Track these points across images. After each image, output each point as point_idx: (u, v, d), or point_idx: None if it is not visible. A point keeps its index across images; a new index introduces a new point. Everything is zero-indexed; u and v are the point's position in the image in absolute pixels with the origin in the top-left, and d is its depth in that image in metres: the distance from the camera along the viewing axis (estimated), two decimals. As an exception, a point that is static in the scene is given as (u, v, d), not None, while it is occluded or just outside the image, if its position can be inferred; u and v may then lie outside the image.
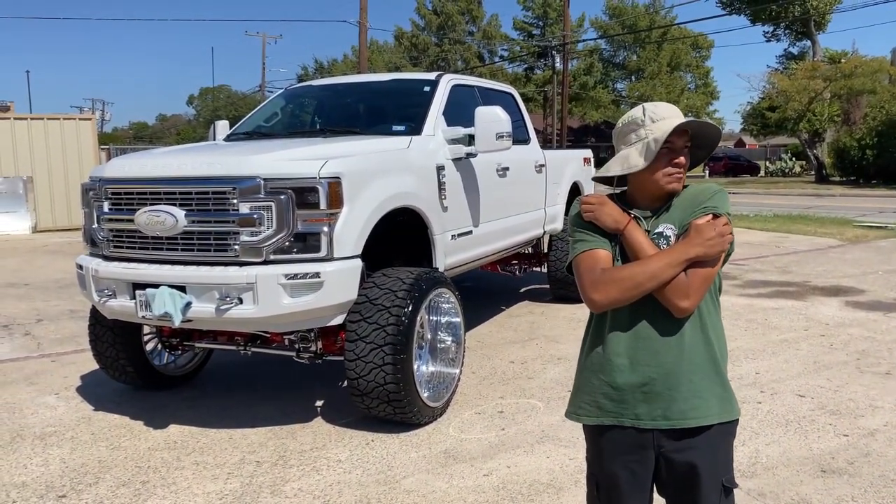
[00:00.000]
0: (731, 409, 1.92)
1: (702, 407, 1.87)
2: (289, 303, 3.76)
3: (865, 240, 12.29)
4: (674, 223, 1.91)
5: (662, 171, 1.90)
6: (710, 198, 1.91)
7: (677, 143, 1.90)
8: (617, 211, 1.92)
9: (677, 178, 1.92)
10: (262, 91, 52.56)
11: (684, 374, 1.87)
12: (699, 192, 1.95)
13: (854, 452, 3.72)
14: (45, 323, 7.12)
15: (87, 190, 4.33)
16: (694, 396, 1.87)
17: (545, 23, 58.41)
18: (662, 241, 1.89)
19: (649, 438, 1.90)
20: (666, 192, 1.93)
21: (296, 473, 3.64)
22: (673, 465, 1.90)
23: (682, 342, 1.87)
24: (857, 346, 5.73)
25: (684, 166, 1.92)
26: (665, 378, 1.87)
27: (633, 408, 1.90)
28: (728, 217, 1.90)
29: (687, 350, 1.87)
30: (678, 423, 1.87)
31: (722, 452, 1.93)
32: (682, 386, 1.87)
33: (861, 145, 30.71)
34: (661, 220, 1.93)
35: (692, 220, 1.87)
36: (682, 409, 1.87)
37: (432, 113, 5.09)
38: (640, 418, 1.89)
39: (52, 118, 16.39)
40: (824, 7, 37.97)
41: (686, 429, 1.87)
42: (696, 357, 1.88)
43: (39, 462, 3.84)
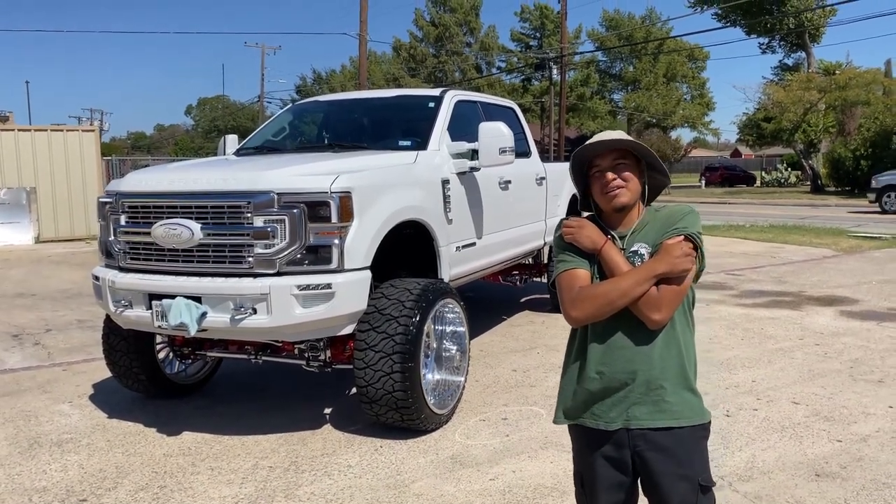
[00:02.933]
0: (700, 413, 2.08)
1: (671, 410, 2.03)
2: (301, 313, 3.90)
3: (860, 250, 12.46)
4: (648, 242, 2.06)
5: (601, 192, 2.09)
6: (682, 219, 2.07)
7: (602, 164, 2.08)
8: (595, 232, 2.08)
9: (615, 194, 2.06)
10: (260, 102, 52.80)
11: (656, 381, 2.03)
12: (672, 214, 2.10)
13: (847, 457, 3.85)
14: (53, 332, 7.23)
15: (104, 203, 4.46)
16: (664, 401, 2.03)
17: (542, 34, 58.80)
18: (637, 258, 2.04)
19: (624, 438, 2.05)
20: (613, 207, 2.08)
21: (308, 478, 3.76)
22: (648, 465, 2.04)
23: (655, 351, 2.03)
24: (851, 354, 5.87)
25: (615, 180, 2.06)
26: (638, 384, 2.03)
27: (608, 411, 2.06)
28: (698, 236, 2.05)
29: (658, 359, 2.03)
30: (649, 423, 2.03)
31: (696, 454, 2.07)
32: (653, 391, 2.03)
33: (856, 156, 30.99)
34: (636, 238, 2.09)
35: (664, 239, 2.03)
36: (652, 412, 2.03)
37: (437, 128, 5.25)
38: (614, 420, 2.05)
39: (55, 129, 16.55)
40: (818, 20, 38.37)
41: (659, 430, 2.03)
42: (668, 365, 2.04)
43: (58, 468, 3.96)
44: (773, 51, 43.92)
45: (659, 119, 57.58)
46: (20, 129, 16.54)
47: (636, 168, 2.09)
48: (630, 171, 2.07)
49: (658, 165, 2.15)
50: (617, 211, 2.09)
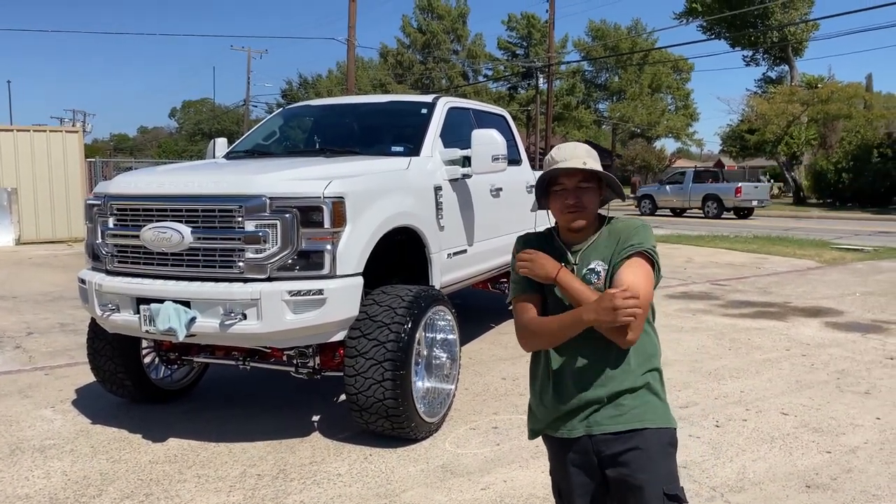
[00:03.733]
0: (665, 418, 2.08)
1: (632, 413, 2.03)
2: (292, 319, 3.85)
3: (843, 262, 12.59)
4: (603, 259, 2.08)
5: (558, 209, 2.11)
6: (634, 233, 2.09)
7: (567, 183, 2.08)
8: (549, 262, 2.05)
9: (572, 216, 2.08)
10: (246, 105, 52.57)
11: (618, 389, 2.04)
12: (624, 228, 2.12)
13: (837, 469, 3.87)
14: (35, 336, 7.12)
15: (92, 206, 4.40)
16: (623, 404, 2.04)
17: (529, 43, 59.10)
18: (594, 276, 2.07)
19: (588, 445, 2.06)
20: (570, 229, 2.11)
21: (297, 487, 3.71)
22: (611, 472, 2.04)
23: (619, 364, 2.05)
24: (837, 365, 5.91)
25: (576, 205, 2.07)
26: (601, 393, 2.04)
27: (571, 418, 2.08)
28: (653, 251, 2.07)
29: (622, 370, 2.05)
30: (611, 427, 2.03)
31: (662, 462, 2.04)
32: (616, 398, 2.04)
33: (837, 169, 31.40)
34: (592, 252, 2.11)
35: (620, 257, 2.04)
36: (613, 416, 2.04)
37: (430, 134, 5.23)
38: (576, 427, 2.08)
39: (38, 130, 16.37)
40: (801, 34, 38.88)
41: (622, 435, 2.02)
42: (631, 373, 2.05)
43: (41, 474, 3.88)
44: (756, 63, 44.44)
45: (643, 129, 58.01)
46: (1, 129, 16.31)
47: (597, 191, 2.11)
48: (591, 195, 2.09)
49: (616, 188, 2.17)
50: (572, 232, 2.12)
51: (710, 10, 39.24)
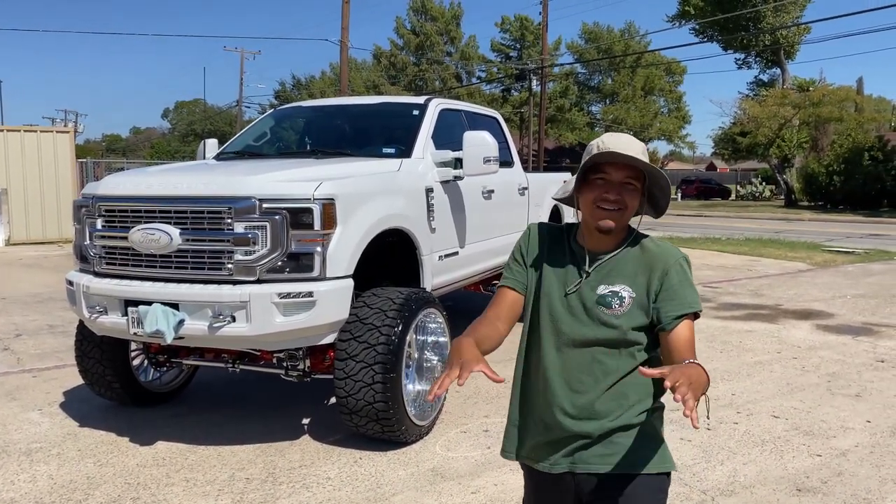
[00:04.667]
0: (661, 461, 1.80)
1: (624, 454, 1.78)
2: (282, 321, 3.83)
3: (834, 264, 12.63)
4: (631, 285, 1.80)
5: (592, 201, 1.80)
6: (685, 281, 1.80)
7: (614, 175, 1.78)
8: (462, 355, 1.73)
9: (605, 214, 1.79)
10: (238, 106, 52.44)
11: (611, 427, 1.80)
12: (662, 257, 1.83)
13: (827, 472, 3.86)
14: (24, 338, 7.06)
15: (80, 206, 4.36)
16: (616, 442, 1.79)
17: (522, 45, 59.15)
18: (616, 300, 1.80)
19: (570, 484, 1.83)
20: (596, 227, 1.81)
21: (286, 490, 3.68)
22: None
23: (616, 394, 1.81)
24: (828, 368, 5.91)
25: (615, 202, 1.78)
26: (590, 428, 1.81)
27: (553, 450, 1.85)
28: (700, 309, 1.81)
29: (619, 402, 1.80)
30: (599, 467, 1.79)
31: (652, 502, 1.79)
32: (608, 435, 1.80)
33: (829, 171, 31.54)
34: (615, 270, 1.84)
35: (670, 324, 1.76)
36: (603, 455, 1.79)
37: (422, 136, 5.21)
38: (559, 462, 1.84)
39: (28, 130, 16.26)
40: (793, 37, 39.07)
41: (611, 478, 1.78)
42: (628, 409, 1.80)
43: (27, 478, 3.84)
44: (749, 66, 44.63)
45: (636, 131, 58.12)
46: (-8, 129, 16.22)
47: (639, 193, 1.82)
48: (634, 197, 1.80)
49: (661, 204, 1.90)
50: (600, 232, 1.83)
51: (702, 13, 39.36)
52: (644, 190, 1.84)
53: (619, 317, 1.79)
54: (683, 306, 1.79)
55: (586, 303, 1.83)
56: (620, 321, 1.79)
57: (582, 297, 1.84)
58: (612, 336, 1.80)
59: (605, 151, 1.75)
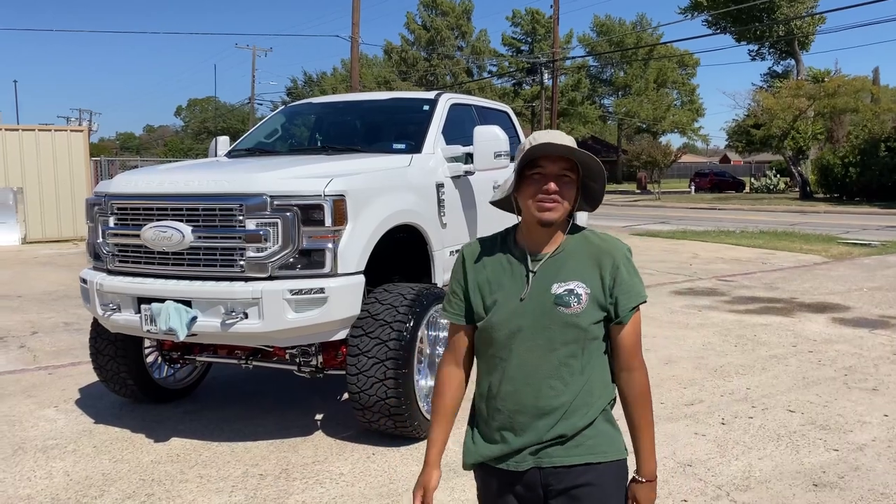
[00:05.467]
0: (619, 449, 1.87)
1: (587, 444, 1.83)
2: (293, 318, 3.83)
3: (850, 257, 12.50)
4: (583, 281, 1.82)
5: (532, 198, 1.81)
6: (632, 272, 1.85)
7: (550, 168, 1.80)
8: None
9: (548, 207, 1.80)
10: (251, 103, 52.62)
11: (580, 424, 1.83)
12: (609, 251, 1.86)
13: (844, 467, 3.82)
14: (39, 335, 7.12)
15: (93, 205, 4.38)
16: (579, 434, 1.83)
17: (534, 39, 58.98)
18: (573, 298, 1.80)
19: (536, 478, 1.84)
20: (538, 220, 1.82)
21: (299, 486, 3.69)
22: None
23: (583, 394, 1.84)
24: (845, 362, 5.86)
25: (554, 193, 1.79)
26: (551, 419, 1.83)
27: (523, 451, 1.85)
28: (644, 299, 1.87)
29: (585, 401, 1.84)
30: (564, 459, 1.82)
31: (615, 497, 1.86)
32: (577, 434, 1.83)
33: (844, 163, 31.20)
34: (562, 267, 1.85)
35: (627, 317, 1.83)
36: (567, 448, 1.83)
37: (432, 131, 5.20)
38: (524, 460, 1.84)
39: (43, 129, 16.38)
40: (808, 27, 38.70)
41: (574, 468, 1.82)
42: (592, 406, 1.84)
43: (43, 475, 3.87)
44: (762, 58, 44.27)
45: (649, 124, 57.85)
46: (7, 128, 16.34)
47: (575, 185, 1.84)
48: (570, 188, 1.82)
49: (596, 195, 1.91)
50: (542, 225, 1.83)
51: (715, 5, 39.06)
52: (579, 183, 1.86)
53: (579, 315, 1.80)
54: (637, 298, 1.85)
55: (544, 305, 1.82)
56: (580, 319, 1.81)
57: (537, 299, 1.83)
58: (576, 335, 1.81)
59: (541, 143, 1.78)
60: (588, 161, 1.82)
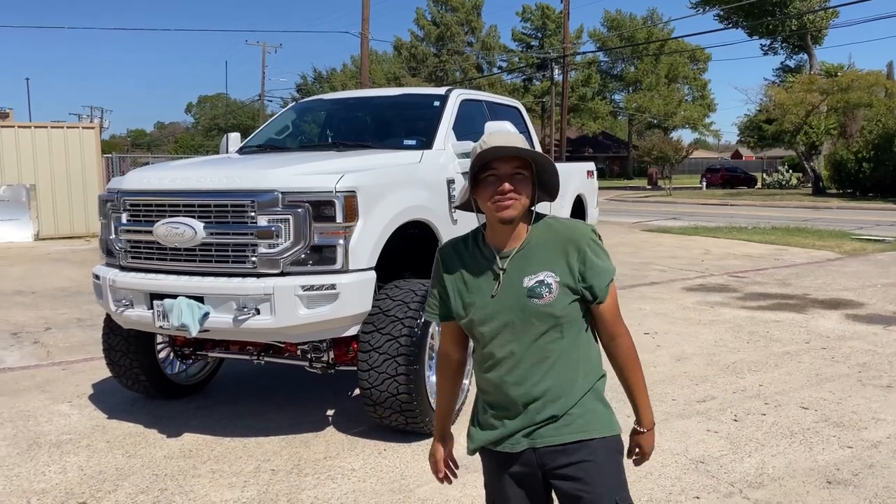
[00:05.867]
0: (610, 425, 1.95)
1: (577, 423, 1.91)
2: (305, 314, 3.84)
3: (864, 253, 12.40)
4: (552, 270, 1.90)
5: (488, 197, 1.88)
6: (598, 250, 1.93)
7: (502, 169, 1.87)
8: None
9: (506, 206, 1.87)
10: (261, 100, 52.74)
11: (570, 405, 1.91)
12: (572, 234, 1.93)
13: (858, 464, 3.80)
14: (53, 331, 7.17)
15: (106, 201, 4.40)
16: (569, 413, 1.91)
17: (544, 34, 58.80)
18: (545, 289, 1.88)
19: (532, 459, 1.93)
20: (498, 219, 1.90)
21: (311, 482, 3.71)
22: (558, 486, 1.93)
23: (570, 377, 1.92)
24: (859, 358, 5.81)
25: (509, 192, 1.86)
26: (553, 411, 1.91)
27: (517, 434, 1.94)
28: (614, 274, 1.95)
29: (572, 381, 1.92)
30: (556, 439, 1.90)
31: (611, 472, 1.93)
32: (557, 405, 1.91)
33: (858, 158, 30.91)
34: (530, 259, 1.92)
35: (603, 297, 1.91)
36: (558, 427, 1.91)
37: (442, 127, 5.19)
38: (519, 441, 1.93)
39: (55, 126, 16.49)
40: (821, 21, 38.36)
41: (568, 447, 1.90)
42: (571, 377, 1.92)
43: (57, 469, 3.90)
44: (775, 52, 43.95)
45: (660, 120, 57.59)
46: (20, 126, 16.45)
47: (530, 181, 1.91)
48: (525, 184, 1.89)
49: (551, 187, 1.97)
50: (503, 223, 1.91)
51: (727, -1, 38.80)
52: (534, 178, 1.93)
53: (552, 304, 1.89)
54: (607, 275, 1.93)
55: (519, 299, 1.91)
56: (554, 308, 1.89)
57: (510, 294, 1.91)
58: (552, 323, 1.90)
59: (490, 147, 1.85)
60: (536, 157, 1.91)
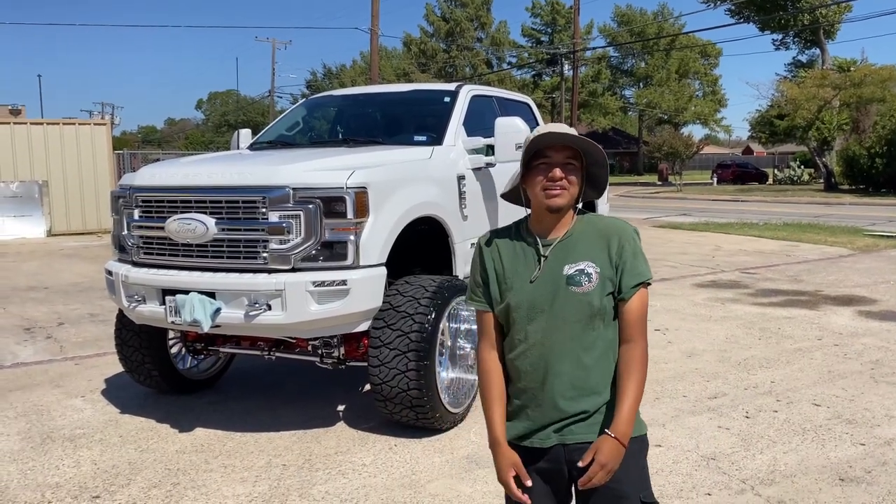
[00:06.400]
0: (638, 426, 1.94)
1: (608, 421, 1.90)
2: (316, 309, 3.85)
3: (876, 249, 12.31)
4: (592, 261, 1.92)
5: (540, 185, 1.91)
6: (637, 251, 1.93)
7: (555, 157, 1.90)
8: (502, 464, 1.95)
9: (555, 194, 1.90)
10: (271, 96, 52.86)
11: (604, 402, 1.92)
12: (615, 231, 1.96)
13: (871, 461, 3.78)
14: (66, 326, 7.23)
15: (118, 197, 4.42)
16: (601, 412, 1.92)
17: (553, 30, 58.61)
18: (584, 277, 1.90)
19: (560, 455, 1.93)
20: (546, 207, 1.92)
21: (322, 477, 3.72)
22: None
23: (605, 373, 1.93)
24: (871, 355, 5.77)
25: (560, 180, 1.89)
26: (586, 406, 1.91)
27: (547, 429, 1.93)
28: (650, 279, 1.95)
29: (606, 379, 1.93)
30: (586, 436, 1.90)
31: (637, 470, 1.94)
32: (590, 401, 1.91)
33: (870, 154, 30.66)
34: (573, 249, 1.94)
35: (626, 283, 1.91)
36: (590, 425, 1.91)
37: (453, 123, 5.18)
38: (549, 437, 1.93)
39: (67, 123, 16.58)
40: (833, 16, 38.02)
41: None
42: (603, 377, 1.93)
43: (71, 463, 3.94)
44: (786, 47, 43.62)
45: (671, 115, 57.30)
46: (32, 122, 16.57)
47: (580, 172, 1.94)
48: (576, 175, 1.92)
49: (600, 182, 2.00)
50: (551, 212, 1.94)
51: (738, -7, 38.53)
52: (583, 171, 1.96)
53: (590, 293, 1.90)
54: (638, 277, 1.93)
55: (557, 287, 1.92)
56: (592, 297, 1.90)
57: (550, 281, 1.93)
58: (589, 313, 1.91)
59: (545, 133, 1.89)
60: (590, 148, 1.93)
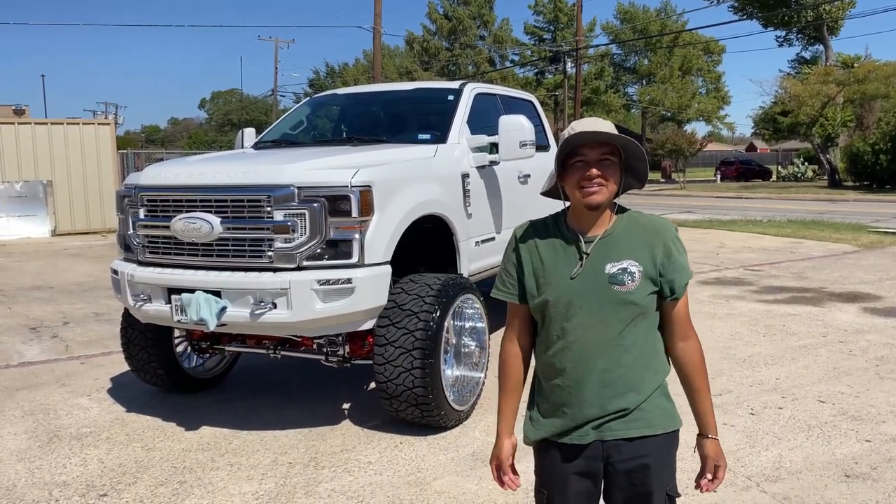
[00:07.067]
0: (672, 420, 1.97)
1: (645, 418, 1.92)
2: (321, 308, 3.86)
3: (881, 246, 12.28)
4: (635, 259, 1.90)
5: (576, 182, 1.89)
6: (681, 249, 1.97)
7: (590, 154, 1.88)
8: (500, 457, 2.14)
9: (592, 192, 1.88)
10: (274, 95, 52.89)
11: (644, 398, 1.92)
12: (657, 230, 1.95)
13: (877, 458, 3.77)
14: (71, 325, 7.25)
15: (123, 197, 4.44)
16: (638, 408, 1.91)
17: (556, 27, 58.51)
18: (627, 276, 1.88)
19: (598, 451, 1.92)
20: (585, 204, 1.90)
21: (328, 475, 3.73)
22: (620, 477, 1.93)
23: (644, 368, 1.92)
24: (877, 352, 5.77)
25: (597, 178, 1.87)
26: (625, 403, 1.91)
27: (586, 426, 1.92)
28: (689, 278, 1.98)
29: (644, 376, 1.92)
30: (624, 433, 1.91)
31: (667, 463, 1.97)
32: (628, 399, 1.91)
33: (875, 150, 30.58)
34: (614, 246, 1.92)
35: (680, 294, 1.94)
36: (628, 421, 1.91)
37: (457, 121, 5.19)
38: (588, 433, 1.92)
39: (71, 123, 16.62)
40: (837, 12, 37.91)
41: (634, 440, 1.91)
42: (642, 372, 1.92)
43: (78, 462, 3.95)
44: (790, 44, 43.52)
45: (674, 113, 57.19)
46: (36, 122, 16.62)
47: (618, 168, 1.91)
48: (613, 170, 1.90)
49: (641, 173, 1.99)
50: (590, 209, 1.91)
51: (741, -10, 38.41)
52: (622, 165, 1.94)
53: (633, 292, 1.89)
54: (688, 274, 1.97)
55: (599, 284, 1.90)
56: (635, 296, 1.89)
57: (591, 278, 1.91)
58: (631, 312, 1.90)
59: (578, 132, 1.87)
60: (626, 143, 1.90)
